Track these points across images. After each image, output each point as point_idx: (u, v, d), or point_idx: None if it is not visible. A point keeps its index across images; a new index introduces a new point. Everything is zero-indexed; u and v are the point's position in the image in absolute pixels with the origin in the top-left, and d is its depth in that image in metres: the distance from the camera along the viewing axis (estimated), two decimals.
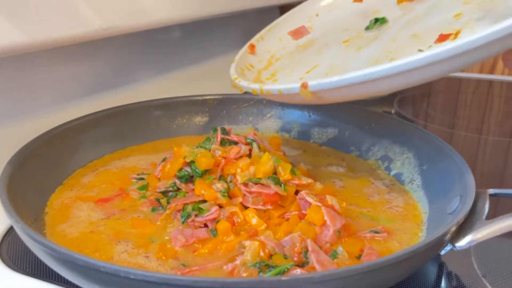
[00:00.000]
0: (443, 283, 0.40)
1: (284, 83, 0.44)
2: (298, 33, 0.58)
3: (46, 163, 0.50)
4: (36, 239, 0.34)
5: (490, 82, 1.14)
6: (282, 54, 0.57)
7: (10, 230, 0.46)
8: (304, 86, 0.40)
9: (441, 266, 0.42)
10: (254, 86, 0.45)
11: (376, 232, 0.43)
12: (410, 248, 0.33)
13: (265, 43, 0.58)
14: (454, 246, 0.38)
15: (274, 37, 0.59)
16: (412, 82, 0.39)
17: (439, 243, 0.36)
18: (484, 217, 0.39)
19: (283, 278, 0.30)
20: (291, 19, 0.60)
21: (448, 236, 0.36)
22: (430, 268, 0.41)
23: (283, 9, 1.04)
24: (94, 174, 0.55)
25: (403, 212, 0.47)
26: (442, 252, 0.39)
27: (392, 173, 0.56)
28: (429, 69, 0.36)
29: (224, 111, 0.69)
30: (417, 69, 0.36)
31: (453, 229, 0.36)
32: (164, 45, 0.87)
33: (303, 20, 0.60)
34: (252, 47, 0.57)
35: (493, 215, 0.39)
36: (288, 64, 0.54)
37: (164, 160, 0.51)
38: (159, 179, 0.49)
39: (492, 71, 1.21)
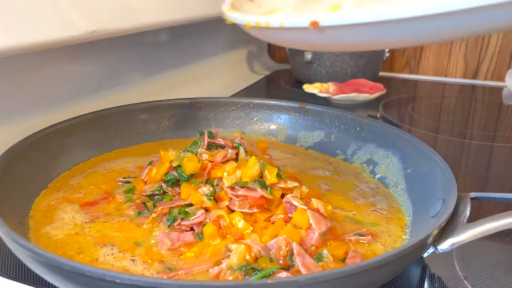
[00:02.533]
0: (426, 285, 0.40)
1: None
2: None
3: (31, 166, 0.50)
4: (21, 243, 0.33)
5: (473, 87, 1.16)
6: (285, 5, 0.50)
7: None
8: (313, 24, 0.35)
9: (424, 268, 0.42)
10: (250, 18, 0.41)
11: (361, 235, 0.43)
12: (393, 251, 0.33)
13: None
14: (436, 249, 0.39)
15: None
16: (447, 34, 0.34)
17: (422, 246, 0.36)
18: (465, 220, 0.40)
19: (269, 281, 0.30)
20: None
21: (431, 239, 0.37)
22: (413, 270, 0.42)
23: None
24: (82, 176, 0.54)
25: (387, 215, 0.48)
26: (425, 255, 0.40)
27: (377, 176, 0.57)
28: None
29: (211, 114, 0.70)
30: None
31: (436, 232, 0.37)
32: (151, 48, 0.87)
33: None
34: None
35: (475, 218, 0.40)
36: (292, 14, 0.47)
37: (150, 163, 0.51)
38: (145, 183, 0.49)
39: (475, 76, 1.24)
